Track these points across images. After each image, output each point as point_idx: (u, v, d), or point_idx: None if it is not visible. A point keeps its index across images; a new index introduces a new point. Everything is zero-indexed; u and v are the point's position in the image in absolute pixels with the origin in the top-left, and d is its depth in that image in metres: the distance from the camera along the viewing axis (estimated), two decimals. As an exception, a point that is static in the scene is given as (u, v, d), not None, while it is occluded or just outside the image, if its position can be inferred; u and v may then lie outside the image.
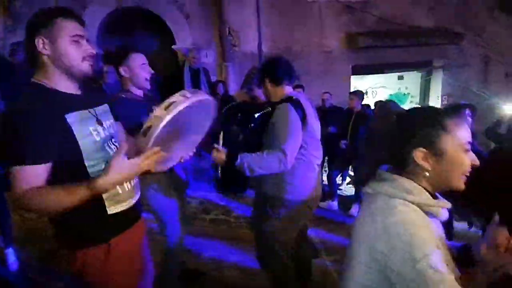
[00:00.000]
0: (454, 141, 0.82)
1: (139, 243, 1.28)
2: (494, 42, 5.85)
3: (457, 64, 5.87)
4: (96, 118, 1.12)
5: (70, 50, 1.04)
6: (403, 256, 0.74)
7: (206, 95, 1.13)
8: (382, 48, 5.36)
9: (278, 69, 1.79)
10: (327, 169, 4.34)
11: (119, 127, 1.29)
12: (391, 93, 6.84)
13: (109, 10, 4.79)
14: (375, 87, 6.78)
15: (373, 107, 4.74)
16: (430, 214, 0.84)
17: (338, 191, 4.37)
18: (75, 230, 1.11)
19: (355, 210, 3.96)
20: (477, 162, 0.85)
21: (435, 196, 0.89)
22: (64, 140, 1.01)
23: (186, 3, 5.00)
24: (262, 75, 1.86)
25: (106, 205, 1.11)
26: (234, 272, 2.52)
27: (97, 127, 1.11)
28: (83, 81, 1.12)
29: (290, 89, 1.85)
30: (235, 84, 5.03)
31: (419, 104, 6.48)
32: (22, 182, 0.96)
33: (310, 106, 1.86)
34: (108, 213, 1.12)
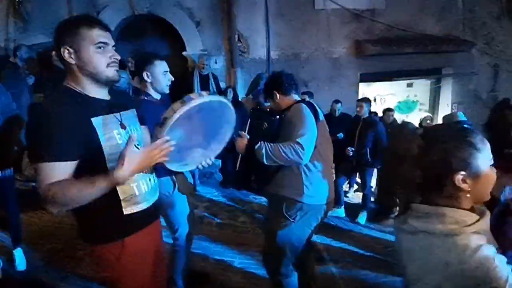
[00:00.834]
0: (485, 159, 0.84)
1: (154, 244, 1.31)
2: (503, 51, 5.81)
3: (466, 72, 5.83)
4: (120, 122, 1.16)
5: (95, 58, 1.08)
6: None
7: (226, 99, 1.18)
8: (390, 55, 5.36)
9: (285, 80, 1.88)
10: (334, 175, 4.32)
11: (145, 131, 1.33)
12: (400, 100, 6.82)
13: (122, 17, 4.91)
14: (383, 95, 6.76)
15: (381, 115, 4.74)
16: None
17: (345, 199, 4.35)
18: (93, 227, 1.17)
19: (362, 218, 3.94)
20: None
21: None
22: (89, 142, 1.06)
23: (196, 10, 5.09)
24: (270, 90, 1.93)
25: (123, 206, 1.15)
26: (239, 277, 2.52)
27: (120, 131, 1.15)
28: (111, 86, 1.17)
29: (298, 97, 1.95)
30: (244, 90, 5.08)
31: (429, 112, 6.43)
32: (49, 178, 1.00)
33: (318, 109, 1.90)
34: (124, 213, 1.16)
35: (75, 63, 1.08)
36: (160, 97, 1.90)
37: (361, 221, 3.92)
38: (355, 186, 5.08)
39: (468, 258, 0.76)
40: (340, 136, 4.21)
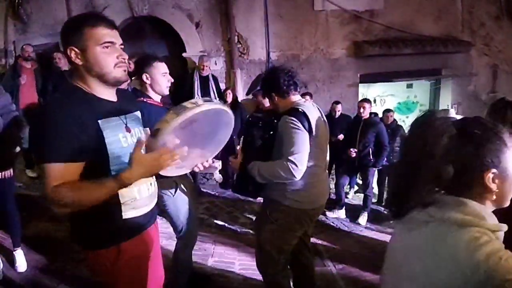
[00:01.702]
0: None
1: (151, 249, 1.28)
2: (501, 51, 5.82)
3: (465, 73, 5.83)
4: (125, 125, 1.14)
5: (101, 58, 1.05)
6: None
7: (221, 105, 1.13)
8: (390, 56, 5.37)
9: (281, 81, 1.77)
10: (335, 177, 4.32)
11: (146, 133, 1.31)
12: (400, 101, 6.82)
13: (123, 18, 4.91)
14: (383, 95, 6.77)
15: (380, 115, 4.74)
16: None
17: (346, 200, 4.34)
18: (89, 231, 1.13)
19: (363, 219, 3.93)
20: None
21: None
22: (95, 143, 1.04)
23: (195, 12, 5.10)
24: (267, 91, 1.85)
25: (122, 209, 1.13)
26: (239, 278, 2.51)
27: (125, 134, 1.13)
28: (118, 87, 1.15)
29: (298, 97, 1.85)
30: (244, 91, 5.08)
31: (429, 112, 6.44)
32: (56, 178, 0.98)
33: (318, 114, 1.83)
34: (123, 217, 1.13)
35: (82, 64, 1.05)
36: (160, 98, 1.89)
37: (361, 222, 3.91)
38: (356, 187, 5.07)
39: (477, 249, 0.69)
40: (340, 137, 4.21)
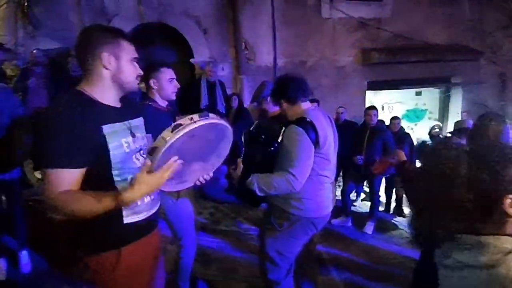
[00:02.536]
0: None
1: (151, 254, 1.28)
2: (510, 60, 5.75)
3: (474, 81, 5.77)
4: (130, 131, 1.16)
5: (129, 70, 1.15)
6: None
7: (217, 119, 1.13)
8: (397, 64, 5.35)
9: (291, 88, 1.78)
10: (342, 184, 4.27)
11: (150, 139, 1.31)
12: (408, 108, 6.76)
13: (132, 25, 5.00)
14: (391, 103, 6.72)
15: (388, 123, 4.69)
16: None
17: (352, 208, 4.28)
18: (89, 235, 1.12)
19: (370, 228, 3.86)
20: None
21: None
22: (97, 149, 1.05)
23: (203, 18, 5.17)
24: (277, 98, 1.86)
25: (123, 214, 1.13)
26: (241, 285, 2.48)
27: (128, 139, 1.14)
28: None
29: (307, 104, 1.82)
30: (250, 97, 5.09)
31: (438, 120, 6.36)
32: (58, 184, 0.99)
33: (327, 122, 1.81)
34: (123, 222, 1.13)
35: (111, 70, 1.11)
36: (165, 103, 1.91)
37: (368, 231, 3.84)
38: (362, 195, 5.00)
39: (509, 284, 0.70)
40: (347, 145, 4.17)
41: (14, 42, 4.88)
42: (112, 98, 1.14)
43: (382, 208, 4.44)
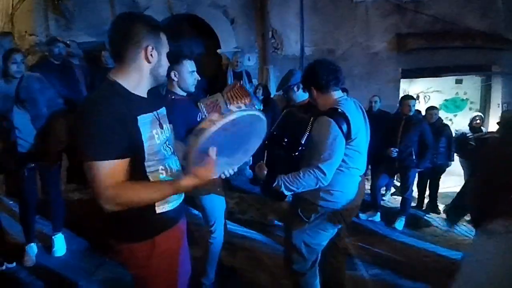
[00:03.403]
0: None
1: (181, 243, 1.31)
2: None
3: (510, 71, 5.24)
4: (158, 121, 1.16)
5: (165, 63, 1.17)
6: None
7: (259, 113, 1.14)
8: (436, 50, 4.97)
9: (322, 75, 1.66)
10: (371, 177, 4.09)
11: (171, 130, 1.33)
12: (447, 98, 6.30)
13: (162, 17, 5.08)
14: (428, 92, 6.30)
15: (424, 113, 4.40)
16: None
17: (381, 202, 4.10)
18: (125, 225, 1.15)
19: (400, 223, 3.68)
20: None
21: None
22: (134, 139, 1.06)
23: (230, 8, 5.13)
24: (307, 84, 1.76)
25: (156, 204, 1.14)
26: (266, 274, 2.49)
27: (158, 130, 1.15)
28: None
29: (339, 93, 1.72)
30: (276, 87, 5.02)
31: (480, 111, 5.88)
32: (108, 176, 0.99)
33: (359, 112, 1.72)
34: (156, 212, 1.15)
35: (151, 63, 1.11)
36: (185, 95, 1.92)
37: (398, 226, 3.67)
38: (392, 189, 4.78)
39: None
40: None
41: (46, 34, 5.06)
42: (144, 90, 1.14)
43: (413, 203, 4.22)
